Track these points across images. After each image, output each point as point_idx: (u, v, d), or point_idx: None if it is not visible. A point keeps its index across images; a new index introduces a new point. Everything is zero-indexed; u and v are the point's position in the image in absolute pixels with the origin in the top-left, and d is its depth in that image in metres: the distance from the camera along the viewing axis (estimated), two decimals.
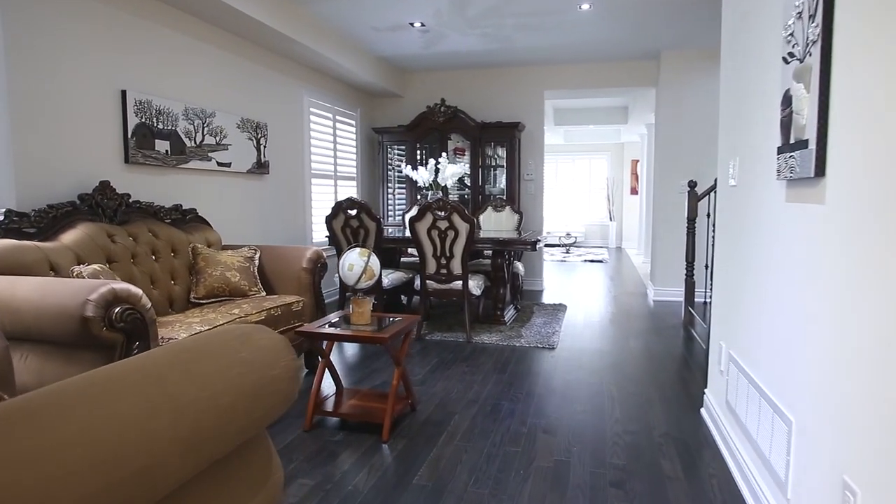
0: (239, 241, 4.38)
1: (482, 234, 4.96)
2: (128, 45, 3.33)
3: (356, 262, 2.58)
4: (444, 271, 4.28)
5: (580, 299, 6.04)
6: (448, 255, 4.22)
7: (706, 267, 4.68)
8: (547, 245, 11.99)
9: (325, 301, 5.44)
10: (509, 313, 4.93)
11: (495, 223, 5.81)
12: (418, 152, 6.44)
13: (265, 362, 1.26)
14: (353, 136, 6.38)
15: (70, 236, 2.71)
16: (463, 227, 4.12)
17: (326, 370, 2.76)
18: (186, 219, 3.57)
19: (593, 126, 9.84)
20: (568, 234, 11.57)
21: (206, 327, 2.56)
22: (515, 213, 5.77)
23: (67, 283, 2.10)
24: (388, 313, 3.06)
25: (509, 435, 2.58)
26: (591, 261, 9.69)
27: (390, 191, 6.70)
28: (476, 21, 4.82)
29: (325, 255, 3.62)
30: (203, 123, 3.92)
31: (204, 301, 3.20)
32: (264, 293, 3.37)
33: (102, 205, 2.99)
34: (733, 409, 2.24)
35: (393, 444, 2.48)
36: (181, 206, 3.55)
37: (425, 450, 2.43)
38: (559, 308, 5.44)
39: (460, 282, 4.26)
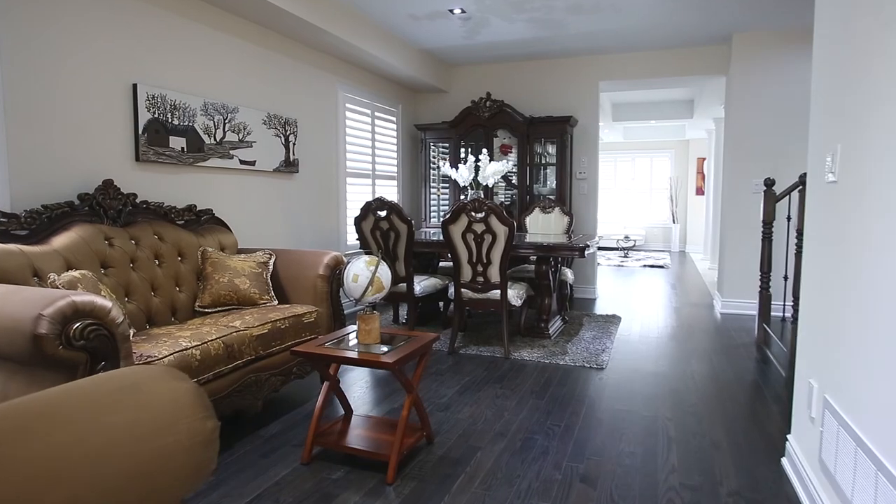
0: (263, 245, 4.14)
1: (528, 238, 4.52)
2: (140, 35, 3.13)
3: (361, 273, 2.23)
4: (480, 279, 3.87)
5: (636, 310, 5.47)
6: (485, 261, 3.82)
7: (784, 278, 4.05)
8: (601, 248, 11.33)
9: (348, 311, 5.17)
10: (555, 325, 4.47)
11: (543, 226, 5.35)
12: (462, 150, 6.06)
13: (159, 426, 0.91)
14: (394, 134, 6.08)
15: (62, 240, 2.50)
16: (501, 231, 3.71)
17: (334, 394, 2.43)
18: (201, 220, 3.34)
19: (655, 122, 9.15)
20: (626, 237, 10.87)
21: (195, 343, 2.27)
22: (565, 214, 5.29)
23: (26, 295, 1.85)
24: (402, 331, 2.69)
25: (539, 482, 2.15)
26: (651, 266, 9.00)
27: (434, 191, 6.36)
28: (522, 4, 4.38)
29: (345, 259, 3.30)
30: (224, 119, 3.69)
31: (209, 310, 2.95)
32: (276, 302, 3.09)
33: (104, 205, 2.78)
34: (831, 473, 1.73)
35: (399, 488, 2.10)
36: (195, 206, 3.32)
37: (436, 496, 2.04)
38: (612, 320, 4.92)
39: (498, 291, 3.85)
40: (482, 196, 4.60)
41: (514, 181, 5.89)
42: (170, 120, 3.28)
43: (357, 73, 5.32)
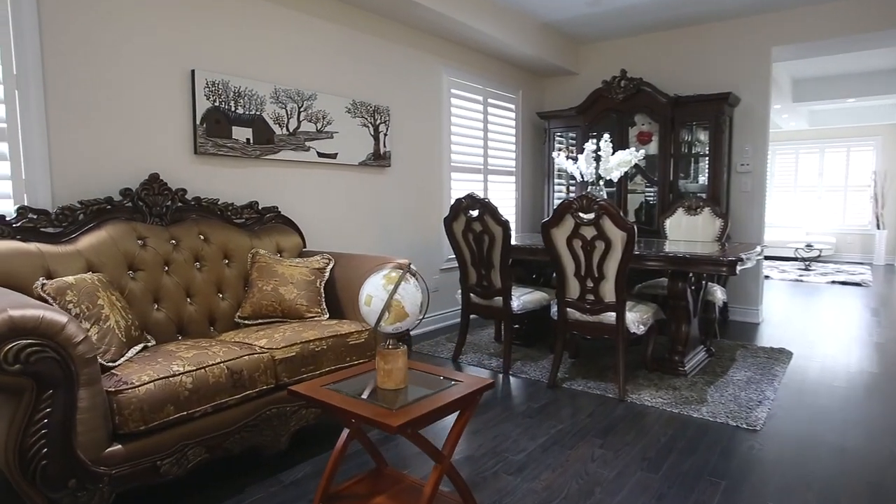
0: (344, 248, 3.74)
1: (667, 245, 3.58)
2: (198, 17, 2.86)
3: (376, 294, 1.63)
4: (590, 297, 3.06)
5: (816, 343, 4.17)
6: (596, 274, 3.00)
7: None
8: (774, 258, 9.47)
9: (443, 325, 4.59)
10: (694, 360, 3.47)
11: (687, 230, 4.30)
12: (592, 140, 5.17)
13: None
14: (512, 123, 5.40)
15: (89, 239, 2.26)
16: (618, 237, 2.87)
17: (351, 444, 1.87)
18: (264, 219, 3.01)
19: (854, 100, 7.28)
20: (808, 246, 8.93)
21: (190, 368, 1.86)
22: (717, 217, 4.19)
23: None
24: (446, 372, 2.06)
25: None
26: (843, 283, 7.18)
27: (560, 188, 5.56)
28: None
29: (414, 269, 2.73)
30: (299, 107, 3.34)
31: (249, 321, 2.57)
32: (326, 316, 2.62)
33: (147, 201, 2.52)
34: None
35: None
36: (257, 204, 2.99)
37: None
38: (778, 356, 3.74)
39: (613, 314, 3.01)
40: (604, 193, 3.75)
41: (654, 176, 4.87)
42: (233, 109, 2.99)
43: (467, 55, 4.74)
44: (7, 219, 2.15)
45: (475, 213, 3.42)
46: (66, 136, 2.43)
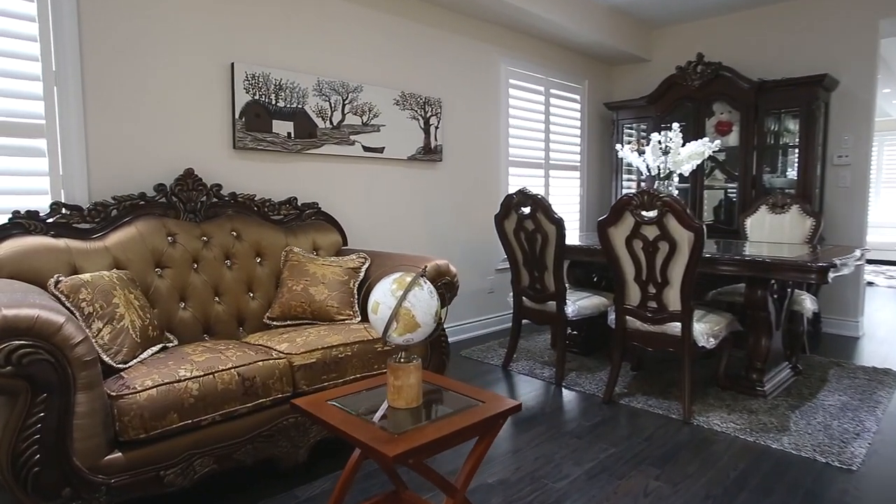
0: (389, 246, 3.59)
1: (747, 247, 3.18)
2: (238, 8, 2.79)
3: (383, 300, 1.44)
4: (652, 305, 2.74)
5: None
6: (659, 280, 2.67)
7: None
8: (880, 262, 8.46)
9: (496, 328, 4.33)
10: (776, 379, 3.04)
11: (772, 231, 3.82)
12: (665, 132, 4.75)
13: None
14: (577, 115, 5.06)
15: (118, 235, 2.23)
16: (684, 238, 2.53)
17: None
18: (303, 215, 2.91)
19: None
20: None
21: (199, 373, 1.75)
22: (808, 215, 3.68)
23: None
24: (470, 390, 1.87)
25: None
26: None
27: (630, 184, 5.16)
28: None
29: (452, 269, 2.53)
30: (343, 100, 3.22)
31: (278, 323, 2.46)
32: (358, 319, 2.47)
33: (181, 197, 2.48)
34: None
35: None
36: (296, 199, 2.90)
37: None
38: (882, 378, 3.22)
39: (678, 325, 2.66)
40: (674, 189, 3.38)
41: (735, 171, 4.39)
42: (273, 102, 2.90)
43: (527, 44, 4.46)
44: (41, 214, 2.15)
45: (527, 210, 3.17)
46: (103, 132, 2.42)
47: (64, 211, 2.20)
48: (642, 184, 5.06)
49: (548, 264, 3.19)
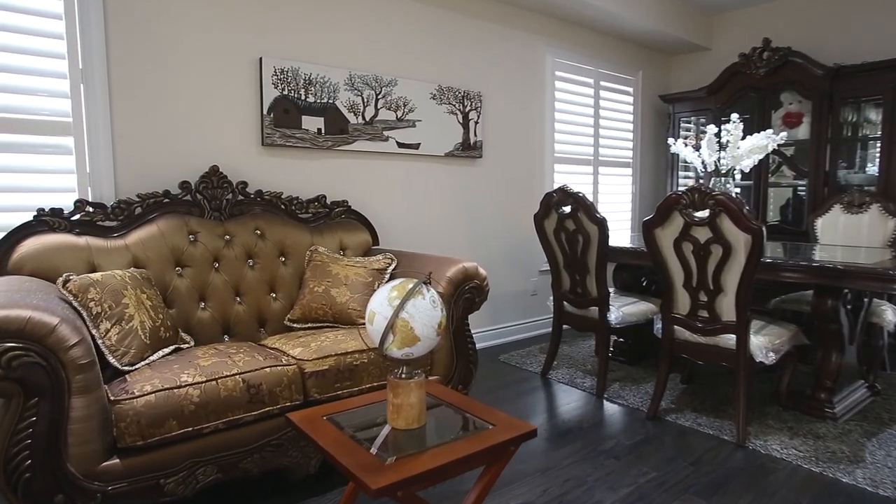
0: (424, 247, 3.46)
1: (817, 251, 2.86)
2: (266, 1, 2.74)
3: (380, 310, 1.30)
4: (703, 314, 2.48)
5: None
6: (712, 287, 2.41)
7: None
8: None
9: (538, 332, 4.11)
10: (849, 399, 2.71)
11: (846, 232, 3.43)
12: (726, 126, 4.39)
13: None
14: (629, 108, 4.76)
15: (139, 234, 2.21)
16: (740, 240, 2.26)
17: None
18: (332, 213, 2.83)
19: None
20: None
21: (201, 379, 1.67)
22: (890, 215, 3.28)
23: None
24: (481, 409, 1.74)
25: None
26: None
27: (688, 181, 4.82)
28: None
29: (482, 272, 2.37)
30: (377, 94, 3.11)
31: (298, 325, 2.38)
32: None
33: (206, 195, 2.44)
34: None
35: None
36: (324, 197, 2.81)
37: None
38: None
39: (733, 337, 2.40)
40: (732, 187, 3.08)
41: (805, 167, 3.99)
42: (303, 97, 2.83)
43: (575, 33, 4.23)
44: (65, 212, 2.15)
45: (567, 208, 2.96)
46: (130, 130, 2.41)
47: (88, 209, 2.20)
48: (701, 181, 4.71)
49: (590, 267, 2.97)
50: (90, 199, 2.31)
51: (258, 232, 2.48)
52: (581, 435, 2.46)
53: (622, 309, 2.97)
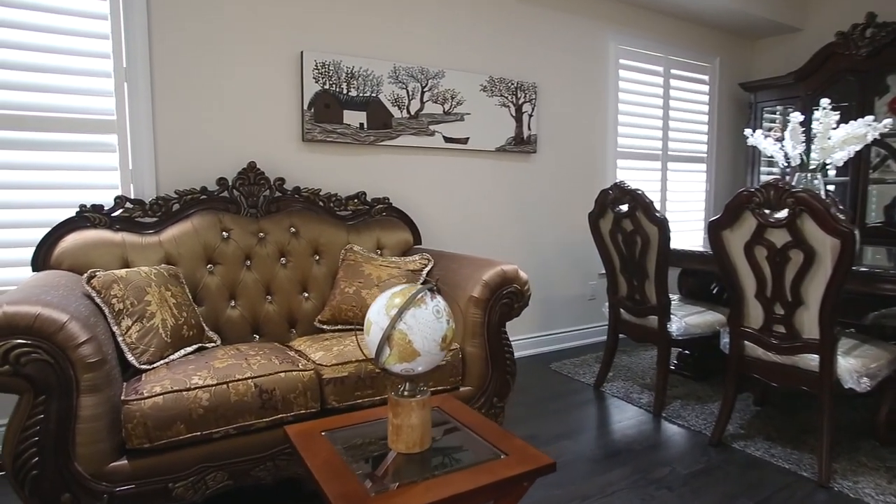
0: (471, 247, 3.30)
1: None
2: None
3: (377, 319, 1.16)
4: (779, 329, 2.16)
5: None
6: (790, 298, 2.10)
7: None
8: None
9: (596, 340, 3.82)
10: None
11: None
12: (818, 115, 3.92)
13: None
14: (705, 98, 4.37)
15: (174, 230, 2.21)
16: (826, 246, 1.94)
17: None
18: (372, 211, 2.73)
19: None
20: None
21: (211, 382, 1.61)
22: None
23: None
24: (497, 433, 1.63)
25: None
26: None
27: (772, 177, 4.36)
28: None
29: (522, 276, 2.19)
30: (423, 87, 2.99)
31: (328, 327, 2.29)
32: None
33: (242, 191, 2.41)
34: None
35: None
36: (364, 194, 2.73)
37: None
38: None
39: (815, 357, 2.07)
40: (821, 184, 2.71)
41: None
42: (345, 91, 2.75)
43: (642, 18, 3.91)
44: (105, 208, 2.18)
45: (624, 207, 2.71)
46: (171, 127, 2.42)
47: (127, 205, 2.22)
48: (787, 178, 4.24)
49: (648, 271, 2.70)
50: (132, 196, 2.34)
51: (292, 229, 2.42)
52: (631, 458, 2.22)
53: (685, 319, 2.68)
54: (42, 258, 2.03)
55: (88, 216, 2.13)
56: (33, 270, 2.03)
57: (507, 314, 2.17)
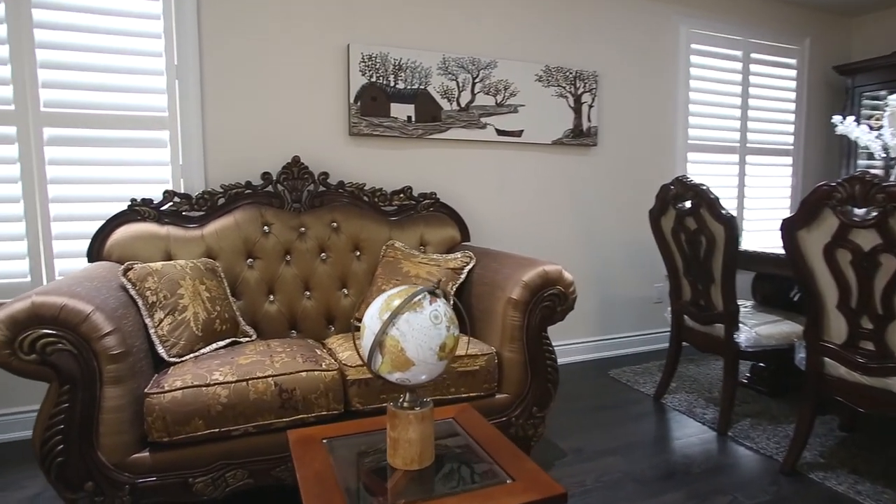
0: (523, 245, 3.15)
1: None
2: None
3: (370, 323, 1.08)
4: (867, 347, 1.88)
5: None
6: (881, 311, 1.81)
7: None
8: None
9: (660, 346, 3.54)
10: None
11: None
12: None
13: None
14: (791, 84, 3.96)
15: (216, 224, 2.24)
16: None
17: None
18: (419, 206, 2.67)
19: None
20: None
21: (231, 379, 1.59)
22: None
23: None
24: (510, 452, 1.54)
25: None
26: None
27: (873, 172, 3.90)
28: None
29: (566, 277, 2.03)
30: (474, 78, 2.88)
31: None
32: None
33: (286, 185, 2.41)
34: None
35: None
36: (410, 189, 2.66)
37: None
38: None
39: None
40: (862, 174, 2.35)
41: None
42: (392, 84, 2.70)
43: None
44: (154, 202, 2.24)
45: (687, 204, 2.47)
46: (220, 122, 2.46)
47: (175, 199, 2.27)
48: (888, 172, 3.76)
49: (714, 275, 2.45)
50: (182, 191, 2.39)
51: (333, 224, 2.39)
52: (687, 482, 2.01)
53: (757, 329, 2.41)
54: (96, 250, 2.12)
55: (139, 210, 2.20)
56: (88, 261, 2.13)
57: (548, 318, 2.02)
